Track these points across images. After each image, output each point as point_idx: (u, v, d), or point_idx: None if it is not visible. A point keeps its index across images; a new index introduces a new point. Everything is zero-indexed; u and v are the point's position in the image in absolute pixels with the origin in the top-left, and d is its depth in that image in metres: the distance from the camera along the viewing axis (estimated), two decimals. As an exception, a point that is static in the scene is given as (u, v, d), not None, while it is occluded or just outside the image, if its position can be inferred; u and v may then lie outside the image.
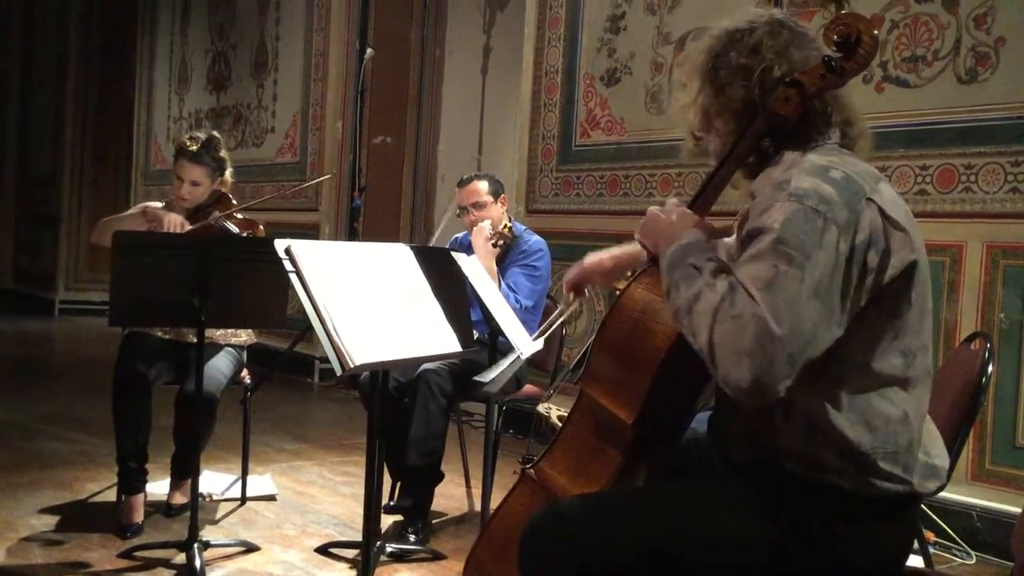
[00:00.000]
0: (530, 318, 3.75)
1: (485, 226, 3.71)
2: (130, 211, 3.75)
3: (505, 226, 3.78)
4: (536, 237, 3.93)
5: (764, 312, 1.43)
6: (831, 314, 1.48)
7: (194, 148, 3.62)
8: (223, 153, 3.71)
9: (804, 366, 1.47)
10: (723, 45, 1.72)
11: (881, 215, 1.55)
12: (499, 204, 3.90)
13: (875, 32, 1.63)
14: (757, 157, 1.71)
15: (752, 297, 1.45)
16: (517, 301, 3.67)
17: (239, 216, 3.61)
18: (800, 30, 1.72)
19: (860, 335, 1.57)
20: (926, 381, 1.65)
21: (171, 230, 3.48)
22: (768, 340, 1.42)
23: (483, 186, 3.88)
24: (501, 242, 3.67)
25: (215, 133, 3.78)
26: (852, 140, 1.71)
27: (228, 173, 3.74)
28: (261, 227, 3.62)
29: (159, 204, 3.84)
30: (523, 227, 3.99)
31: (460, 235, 4.10)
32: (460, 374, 3.49)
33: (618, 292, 1.82)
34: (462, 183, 3.95)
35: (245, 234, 3.53)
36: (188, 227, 3.52)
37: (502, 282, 3.69)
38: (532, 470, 1.92)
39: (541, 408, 3.39)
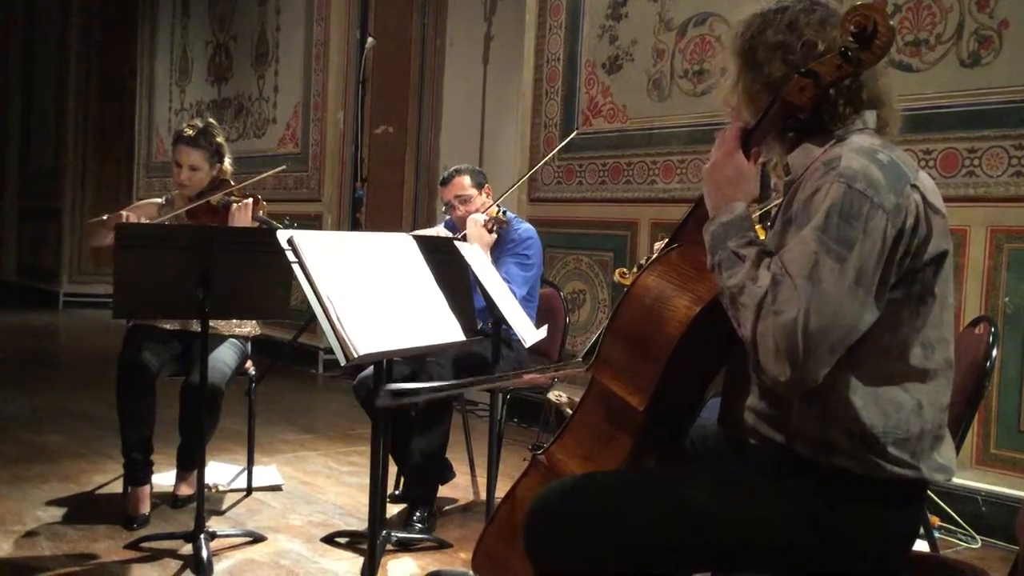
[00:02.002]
0: (526, 306, 3.75)
1: (478, 217, 3.71)
2: (100, 218, 3.75)
3: (498, 210, 3.79)
4: (525, 224, 3.94)
5: (805, 307, 1.47)
6: (870, 298, 1.52)
7: (191, 133, 3.66)
8: (220, 139, 3.73)
9: None
10: (757, 26, 1.73)
11: (923, 200, 1.58)
12: (483, 195, 3.90)
13: (891, 23, 1.64)
14: (795, 130, 1.72)
15: (794, 289, 1.49)
16: (512, 292, 3.67)
17: (238, 194, 3.60)
18: (834, 7, 1.73)
19: (884, 319, 1.58)
20: (946, 373, 1.66)
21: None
22: (808, 336, 1.47)
23: (466, 180, 3.89)
24: (496, 227, 3.68)
25: (212, 120, 3.82)
26: (885, 126, 1.73)
27: (227, 161, 3.75)
28: (263, 202, 3.61)
29: (160, 200, 3.85)
30: (512, 215, 3.99)
31: (450, 218, 4.11)
32: (463, 365, 3.50)
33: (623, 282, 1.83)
34: (444, 181, 3.97)
35: (246, 202, 3.52)
36: (142, 219, 3.53)
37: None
38: (543, 456, 1.93)
39: (551, 396, 3.39)
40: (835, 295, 1.48)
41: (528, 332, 2.99)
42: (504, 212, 3.85)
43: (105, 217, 3.55)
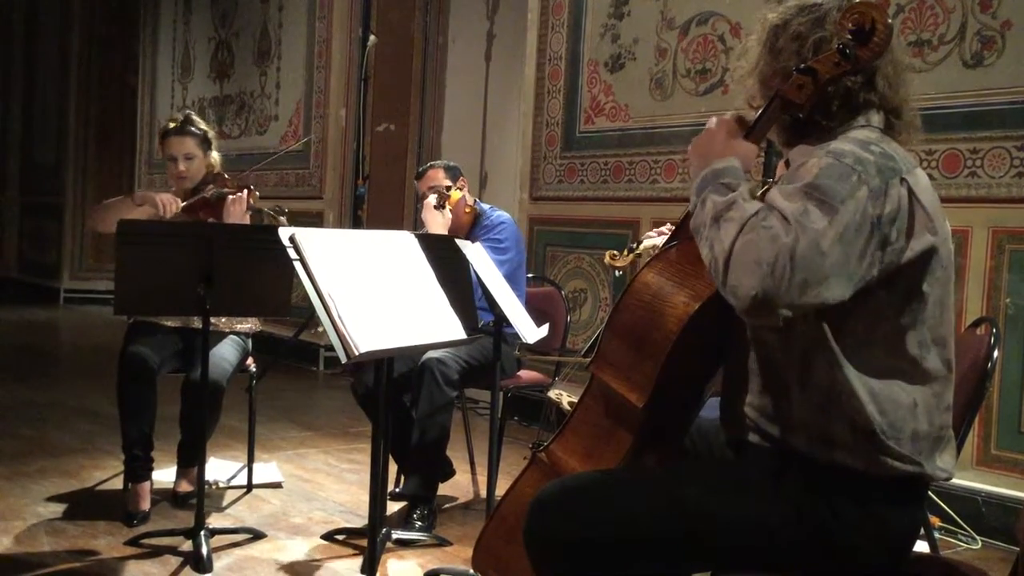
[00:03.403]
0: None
1: (430, 199, 3.81)
2: (117, 198, 3.75)
3: (447, 187, 3.87)
4: (499, 212, 3.99)
5: (795, 233, 1.46)
6: (847, 265, 1.50)
7: (176, 124, 3.71)
8: (205, 126, 3.78)
9: (816, 335, 1.55)
10: (791, 15, 1.73)
11: (910, 194, 1.57)
12: (457, 186, 3.95)
13: (889, 21, 1.63)
14: (794, 125, 1.72)
15: (785, 219, 1.49)
16: None
17: (232, 186, 3.62)
18: None
19: (867, 313, 1.58)
20: (946, 374, 1.65)
21: (165, 208, 3.51)
22: (789, 258, 1.45)
23: (440, 172, 3.98)
24: (444, 202, 3.78)
25: (190, 111, 3.88)
26: (897, 132, 1.72)
27: (215, 154, 3.76)
28: (257, 192, 3.63)
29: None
30: (488, 206, 4.02)
31: None
32: (466, 363, 3.51)
33: (617, 272, 1.83)
34: (419, 175, 4.07)
35: (240, 195, 3.53)
36: (180, 204, 3.56)
37: None
38: (543, 453, 1.93)
39: (551, 394, 3.40)
40: (819, 239, 1.47)
41: (529, 331, 2.99)
42: (475, 202, 3.91)
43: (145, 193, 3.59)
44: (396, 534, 3.27)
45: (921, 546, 2.11)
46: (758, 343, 1.69)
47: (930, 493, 2.85)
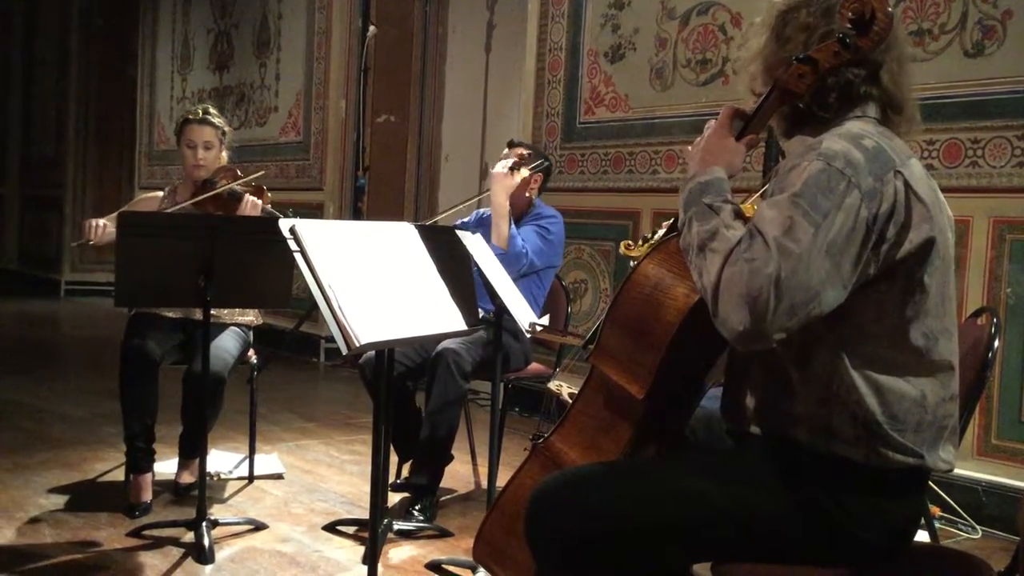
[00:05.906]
0: (535, 287, 3.76)
1: (507, 160, 3.78)
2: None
3: (524, 155, 3.87)
4: (552, 208, 4.02)
5: (778, 260, 1.47)
6: (839, 275, 1.51)
7: (198, 114, 3.74)
8: (222, 121, 3.81)
9: (817, 329, 1.54)
10: (798, 2, 1.72)
11: (906, 187, 1.56)
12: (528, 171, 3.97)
13: (889, 10, 1.62)
14: (793, 115, 1.72)
15: (767, 245, 1.49)
16: (524, 249, 3.66)
17: (243, 185, 3.61)
18: None
19: (869, 307, 1.58)
20: (950, 366, 1.65)
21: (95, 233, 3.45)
22: (774, 288, 1.46)
23: (524, 150, 3.96)
24: (518, 166, 3.74)
25: (208, 105, 3.91)
26: (895, 125, 1.71)
27: (225, 152, 3.77)
28: (268, 194, 3.63)
29: (160, 193, 3.86)
30: (539, 201, 4.03)
31: (466, 219, 4.15)
32: (480, 355, 3.52)
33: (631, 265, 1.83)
34: (512, 144, 4.04)
35: (256, 200, 3.53)
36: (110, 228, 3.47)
37: (512, 228, 3.69)
38: (543, 445, 1.93)
39: (551, 385, 3.39)
40: (805, 256, 1.48)
41: (527, 320, 2.98)
42: (537, 197, 3.94)
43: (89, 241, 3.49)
44: (397, 525, 3.28)
45: (921, 536, 2.11)
46: None
47: (930, 483, 2.86)
